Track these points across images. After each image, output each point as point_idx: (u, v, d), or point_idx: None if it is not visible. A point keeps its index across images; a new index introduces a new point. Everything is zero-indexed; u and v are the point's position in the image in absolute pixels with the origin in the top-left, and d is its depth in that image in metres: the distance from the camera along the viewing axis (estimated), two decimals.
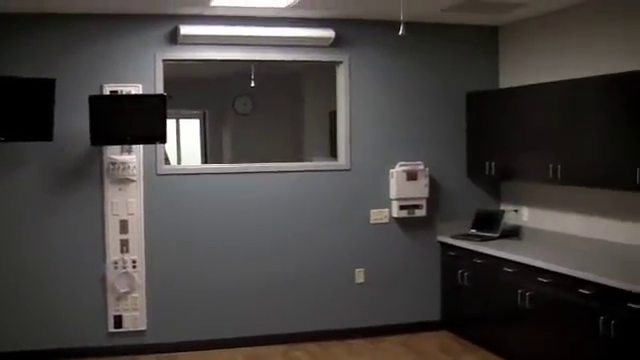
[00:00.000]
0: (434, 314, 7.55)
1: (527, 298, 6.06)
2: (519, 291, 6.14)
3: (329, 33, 7.00)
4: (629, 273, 5.28)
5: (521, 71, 7.27)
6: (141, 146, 6.65)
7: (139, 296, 6.72)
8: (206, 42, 6.79)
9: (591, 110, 5.83)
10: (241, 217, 7.00)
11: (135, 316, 6.73)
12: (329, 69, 7.49)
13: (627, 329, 4.94)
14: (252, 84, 9.57)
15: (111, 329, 6.69)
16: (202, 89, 11.34)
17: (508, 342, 6.42)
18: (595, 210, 6.36)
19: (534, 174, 6.58)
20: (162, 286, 6.77)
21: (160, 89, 6.67)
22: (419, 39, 7.26)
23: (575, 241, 6.54)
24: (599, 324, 5.18)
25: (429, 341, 7.21)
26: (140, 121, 6.38)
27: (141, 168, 6.69)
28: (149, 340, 6.77)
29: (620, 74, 5.56)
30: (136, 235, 6.69)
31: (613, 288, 5.11)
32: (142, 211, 6.70)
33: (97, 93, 6.46)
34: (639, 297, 4.82)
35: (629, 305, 4.93)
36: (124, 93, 6.55)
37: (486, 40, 7.65)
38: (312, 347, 7.02)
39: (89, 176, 6.60)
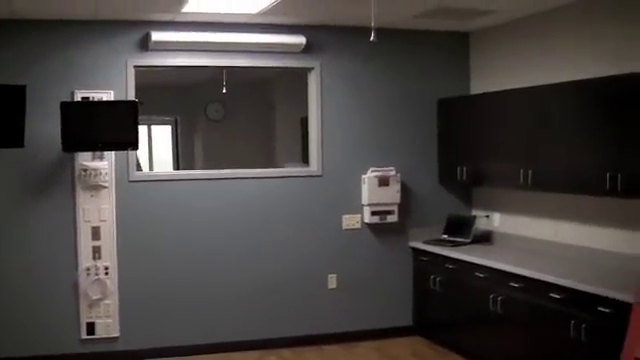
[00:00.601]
0: (406, 319, 7.58)
1: (499, 303, 6.10)
2: (491, 296, 6.19)
3: (300, 39, 7.02)
4: (599, 277, 5.32)
5: (492, 77, 7.33)
6: (113, 152, 6.62)
7: (112, 303, 6.68)
8: (177, 48, 6.78)
9: (561, 116, 5.89)
10: (213, 223, 6.99)
11: (108, 323, 6.68)
12: (300, 75, 7.51)
13: (597, 333, 4.98)
14: (224, 90, 9.56)
15: (84, 336, 6.64)
16: (174, 95, 11.33)
17: (480, 347, 6.46)
18: (566, 215, 6.42)
19: (505, 180, 6.63)
20: (135, 293, 6.74)
21: (131, 95, 6.65)
22: (390, 45, 7.30)
23: (546, 246, 6.60)
24: (570, 328, 5.23)
25: (402, 346, 7.23)
26: (112, 127, 6.35)
27: (113, 174, 6.66)
28: (122, 347, 6.73)
29: (589, 80, 5.62)
30: (108, 242, 6.65)
31: (584, 292, 5.15)
32: (114, 218, 6.67)
33: (68, 99, 6.43)
34: (609, 301, 4.86)
35: (599, 309, 4.97)
36: (95, 99, 6.52)
37: (457, 46, 7.71)
38: (285, 353, 7.01)
39: (61, 183, 6.55)
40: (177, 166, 11.97)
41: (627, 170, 5.14)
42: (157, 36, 6.59)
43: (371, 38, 5.23)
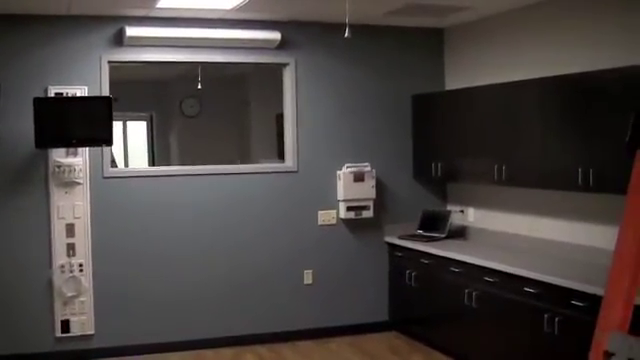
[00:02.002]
0: (382, 315, 7.61)
1: (474, 297, 6.14)
2: (466, 290, 6.23)
3: (275, 35, 7.01)
4: (572, 271, 5.37)
5: (466, 73, 7.37)
6: (87, 149, 6.57)
7: (86, 300, 6.64)
8: (152, 44, 6.74)
9: (534, 111, 5.94)
10: (188, 220, 6.97)
11: (83, 320, 6.65)
12: (276, 71, 7.50)
13: (571, 326, 5.03)
14: (199, 86, 9.53)
15: (58, 334, 6.59)
16: (149, 91, 11.28)
17: (456, 341, 6.50)
18: (539, 210, 6.47)
19: (479, 175, 6.68)
20: (110, 290, 6.70)
21: (106, 91, 6.61)
22: (365, 41, 7.31)
23: (520, 240, 6.65)
24: (544, 322, 5.28)
25: (377, 342, 7.26)
26: (86, 123, 6.32)
27: (87, 171, 6.62)
28: (97, 344, 6.69)
29: (562, 76, 5.68)
30: (83, 239, 6.62)
31: (557, 286, 5.20)
32: (89, 214, 6.63)
33: (42, 95, 6.38)
34: (582, 295, 4.91)
35: (572, 302, 5.02)
36: (69, 95, 6.48)
37: (431, 43, 7.74)
38: (261, 349, 7.02)
39: (34, 179, 6.50)
40: (152, 162, 11.91)
41: (598, 165, 5.19)
42: (132, 31, 6.56)
43: (345, 34, 5.24)
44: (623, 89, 5.01)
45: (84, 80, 6.57)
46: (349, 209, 7.36)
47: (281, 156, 7.85)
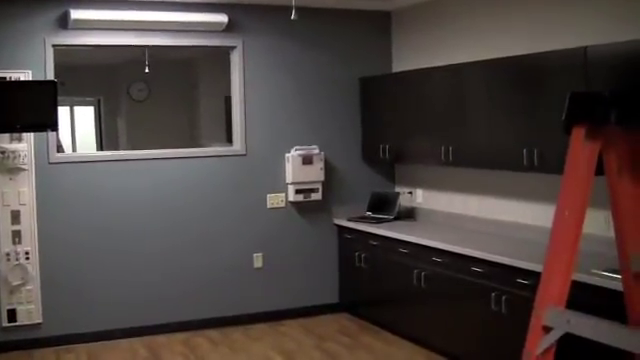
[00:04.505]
0: (332, 297, 7.65)
1: (422, 278, 6.21)
2: (414, 271, 6.29)
3: (222, 18, 6.97)
4: (518, 250, 5.46)
5: (414, 55, 7.41)
6: (32, 134, 6.47)
7: (33, 288, 6.55)
8: (98, 27, 6.65)
9: (480, 93, 6.01)
10: (137, 204, 6.92)
11: (30, 309, 6.56)
12: (224, 54, 7.46)
13: (517, 304, 5.11)
14: (147, 70, 9.43)
15: (5, 323, 6.49)
16: (96, 75, 11.13)
17: (406, 321, 6.57)
18: (486, 190, 6.56)
19: (427, 156, 6.74)
20: (57, 277, 6.62)
21: (51, 75, 6.50)
22: (313, 24, 7.31)
23: (467, 221, 6.73)
24: (491, 300, 5.37)
25: (328, 323, 7.30)
26: (30, 108, 6.18)
27: (32, 157, 6.52)
28: (45, 333, 6.61)
29: (507, 58, 5.75)
30: (29, 226, 6.52)
31: (504, 265, 5.29)
32: (34, 201, 6.54)
33: None
34: (528, 272, 4.99)
35: (518, 280, 5.11)
36: (13, 79, 6.36)
37: (379, 25, 7.77)
38: (212, 334, 7.01)
39: None
40: (100, 147, 11.77)
41: (542, 146, 5.27)
42: (77, 14, 6.45)
43: (292, 16, 5.24)
44: (564, 70, 5.09)
45: (28, 64, 6.45)
46: (298, 192, 7.37)
47: (230, 140, 7.82)
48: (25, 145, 6.47)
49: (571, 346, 3.14)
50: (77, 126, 12.08)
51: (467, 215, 6.77)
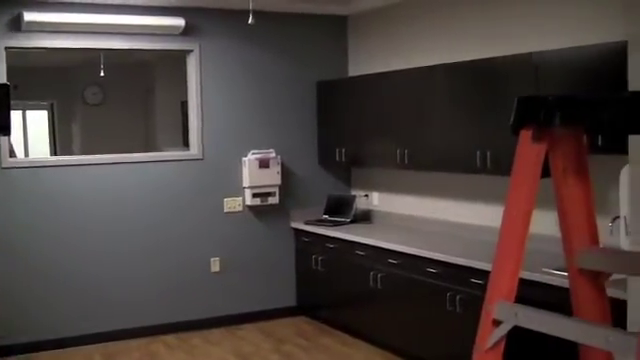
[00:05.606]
0: (290, 300, 7.68)
1: (379, 279, 6.27)
2: (371, 273, 6.35)
3: (179, 22, 6.96)
4: (472, 251, 5.54)
5: (370, 60, 7.48)
6: None
7: None
8: (52, 30, 6.59)
9: (435, 97, 6.08)
10: (91, 210, 6.86)
11: None
12: (180, 58, 7.45)
13: (471, 303, 5.19)
14: (102, 73, 9.39)
15: None
16: (50, 79, 11.05)
17: (363, 323, 6.62)
18: (440, 192, 6.64)
19: (383, 160, 6.80)
20: (9, 284, 6.52)
21: (3, 78, 6.43)
22: (270, 28, 7.34)
23: (422, 223, 6.81)
24: (446, 300, 5.45)
25: (287, 327, 7.32)
26: None
27: None
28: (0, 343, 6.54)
29: (460, 62, 5.84)
30: None
31: (458, 265, 5.38)
32: None
33: None
34: (481, 272, 5.06)
35: (472, 280, 5.20)
36: None
37: (335, 29, 7.83)
38: (170, 339, 6.99)
39: None
40: (54, 152, 11.67)
41: (495, 148, 5.36)
42: (30, 16, 6.39)
43: (249, 21, 5.27)
44: (515, 75, 5.21)
45: None
46: (255, 196, 7.38)
47: (186, 144, 7.81)
48: None
49: (522, 343, 3.22)
50: (30, 130, 11.97)
51: (422, 217, 6.85)
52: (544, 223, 3.85)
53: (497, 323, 2.40)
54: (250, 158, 7.33)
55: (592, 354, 2.47)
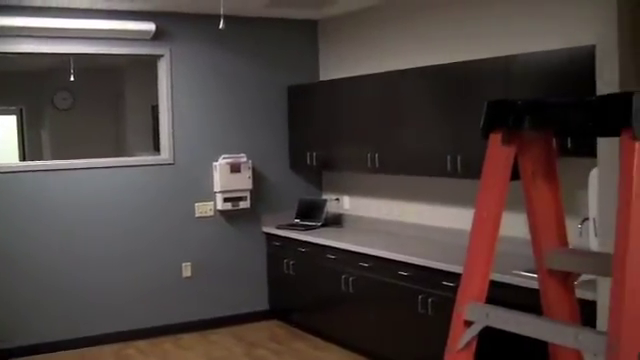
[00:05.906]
0: (262, 304, 7.68)
1: (350, 283, 6.29)
2: (342, 276, 6.37)
3: (149, 26, 6.95)
4: (443, 254, 5.59)
5: (340, 64, 7.52)
6: None
7: None
8: (21, 34, 6.55)
9: (405, 101, 6.13)
10: (62, 215, 6.82)
11: None
12: (151, 62, 7.44)
13: (443, 306, 5.23)
14: (72, 78, 9.32)
15: None
16: (18, 83, 10.96)
17: (335, 326, 6.64)
18: (411, 196, 6.69)
19: (353, 164, 6.83)
20: None
21: None
22: (241, 33, 7.35)
23: (394, 226, 6.85)
24: (418, 303, 5.49)
25: (259, 331, 7.33)
26: None
27: None
28: None
29: (431, 66, 5.90)
30: None
31: (429, 268, 5.42)
32: None
33: None
34: (453, 275, 5.11)
35: (443, 283, 5.24)
36: None
37: (306, 34, 7.86)
38: (142, 344, 6.96)
39: None
40: (23, 157, 11.56)
41: (465, 152, 5.41)
42: None
43: (220, 26, 5.27)
44: (485, 79, 5.26)
45: None
46: (226, 200, 7.38)
47: (157, 149, 7.78)
48: None
49: (493, 344, 3.26)
50: None
51: (393, 220, 6.89)
52: (514, 226, 3.89)
53: (468, 324, 2.42)
54: (221, 162, 7.33)
55: (562, 353, 2.50)
